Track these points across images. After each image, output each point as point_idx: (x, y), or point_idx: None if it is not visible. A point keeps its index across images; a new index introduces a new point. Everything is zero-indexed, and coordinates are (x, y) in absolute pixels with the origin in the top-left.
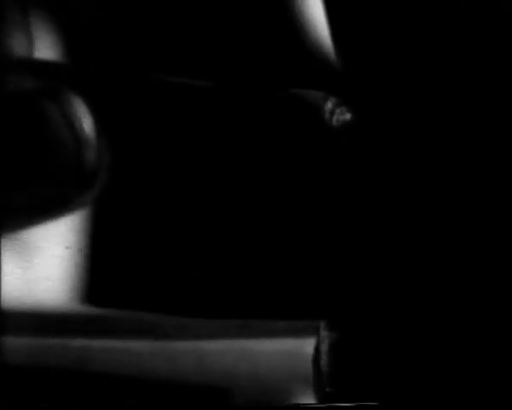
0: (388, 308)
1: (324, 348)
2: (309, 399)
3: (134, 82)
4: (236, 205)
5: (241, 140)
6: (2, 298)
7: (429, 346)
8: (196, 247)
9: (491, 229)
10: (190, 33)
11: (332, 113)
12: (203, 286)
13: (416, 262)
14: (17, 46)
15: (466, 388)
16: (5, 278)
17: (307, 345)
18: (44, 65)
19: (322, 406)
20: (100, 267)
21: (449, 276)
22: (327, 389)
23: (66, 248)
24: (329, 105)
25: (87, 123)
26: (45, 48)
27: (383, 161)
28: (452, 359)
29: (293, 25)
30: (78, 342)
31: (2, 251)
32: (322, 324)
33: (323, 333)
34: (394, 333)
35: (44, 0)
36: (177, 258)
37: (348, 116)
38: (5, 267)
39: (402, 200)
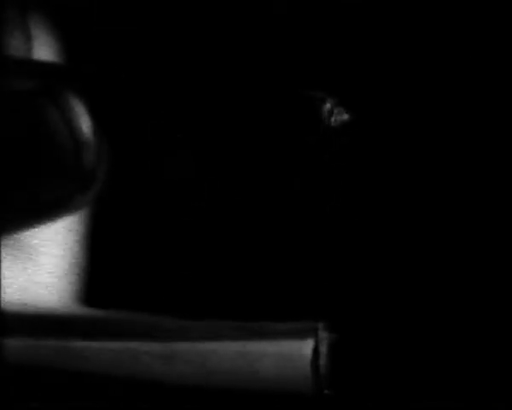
0: (386, 310)
1: (323, 349)
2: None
3: (133, 82)
4: (236, 206)
5: (241, 139)
6: (1, 299)
7: (428, 347)
8: (196, 248)
9: (490, 229)
10: (188, 35)
11: (330, 113)
12: (202, 288)
13: (414, 263)
14: (17, 46)
15: (466, 388)
16: (5, 279)
17: (306, 346)
18: (44, 65)
19: None
20: (99, 268)
21: (448, 277)
22: (325, 391)
23: (66, 248)
24: (328, 105)
25: (86, 123)
26: (45, 48)
27: (381, 161)
28: (452, 359)
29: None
30: (78, 343)
31: (1, 252)
32: (321, 325)
33: (322, 335)
34: (393, 334)
35: (44, 0)
36: (176, 259)
37: (346, 116)
38: (5, 268)
39: (400, 202)
